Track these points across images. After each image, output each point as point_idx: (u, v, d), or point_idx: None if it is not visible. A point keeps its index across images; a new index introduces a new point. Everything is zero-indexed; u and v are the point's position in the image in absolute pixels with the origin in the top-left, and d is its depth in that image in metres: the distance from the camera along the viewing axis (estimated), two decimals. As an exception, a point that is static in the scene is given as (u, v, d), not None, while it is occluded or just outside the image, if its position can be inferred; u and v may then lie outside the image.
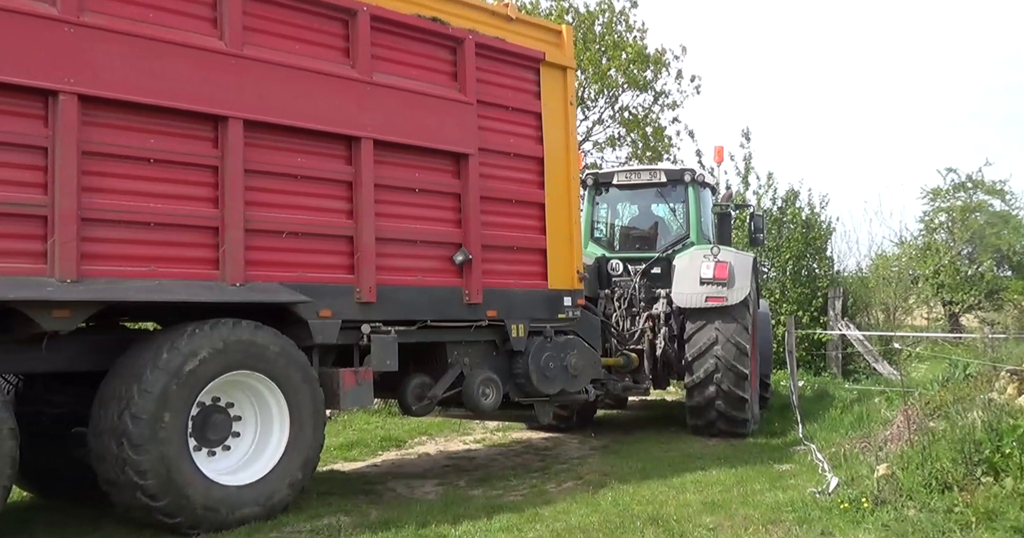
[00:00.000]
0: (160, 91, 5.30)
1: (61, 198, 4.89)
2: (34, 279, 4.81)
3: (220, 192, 5.56)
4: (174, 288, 5.31)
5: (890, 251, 20.80)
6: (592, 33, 21.94)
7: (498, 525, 5.51)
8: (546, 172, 7.55)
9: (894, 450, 6.51)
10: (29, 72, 4.81)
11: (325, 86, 6.07)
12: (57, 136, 4.91)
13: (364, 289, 6.19)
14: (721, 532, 5.29)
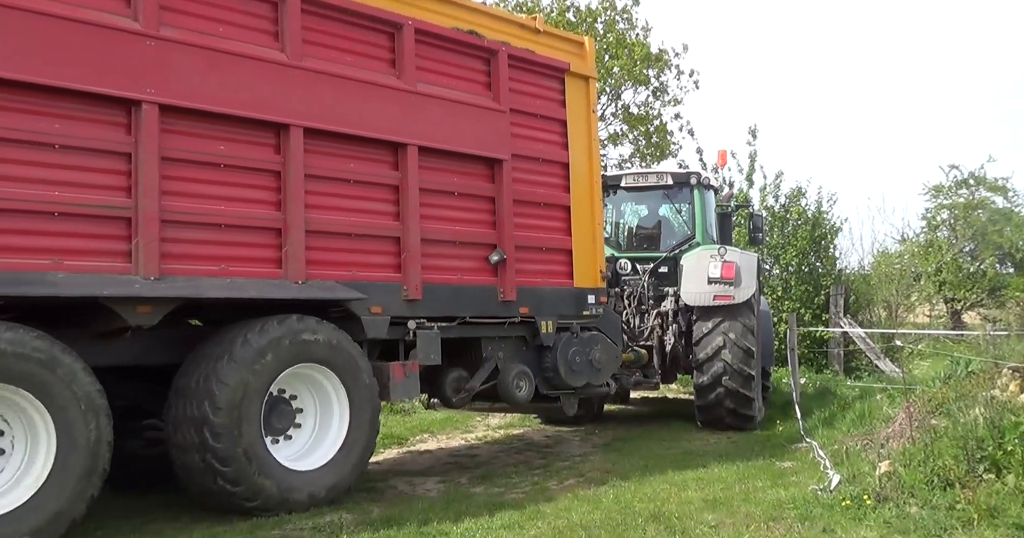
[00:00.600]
0: (229, 100, 5.65)
1: (144, 201, 5.24)
2: (121, 277, 5.14)
3: (283, 196, 5.92)
4: (245, 286, 5.68)
5: (892, 248, 20.80)
6: (593, 31, 21.92)
7: (500, 523, 5.51)
8: (571, 176, 7.97)
9: (896, 447, 6.50)
10: (115, 83, 5.15)
11: (374, 96, 6.44)
12: (140, 143, 5.25)
13: (411, 287, 6.56)
14: (723, 529, 5.29)
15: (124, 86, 5.18)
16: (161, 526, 5.53)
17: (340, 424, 6.08)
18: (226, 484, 5.40)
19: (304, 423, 6.07)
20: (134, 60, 5.22)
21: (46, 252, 4.91)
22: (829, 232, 16.91)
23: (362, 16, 6.43)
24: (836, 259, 17.12)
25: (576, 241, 7.96)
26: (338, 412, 6.08)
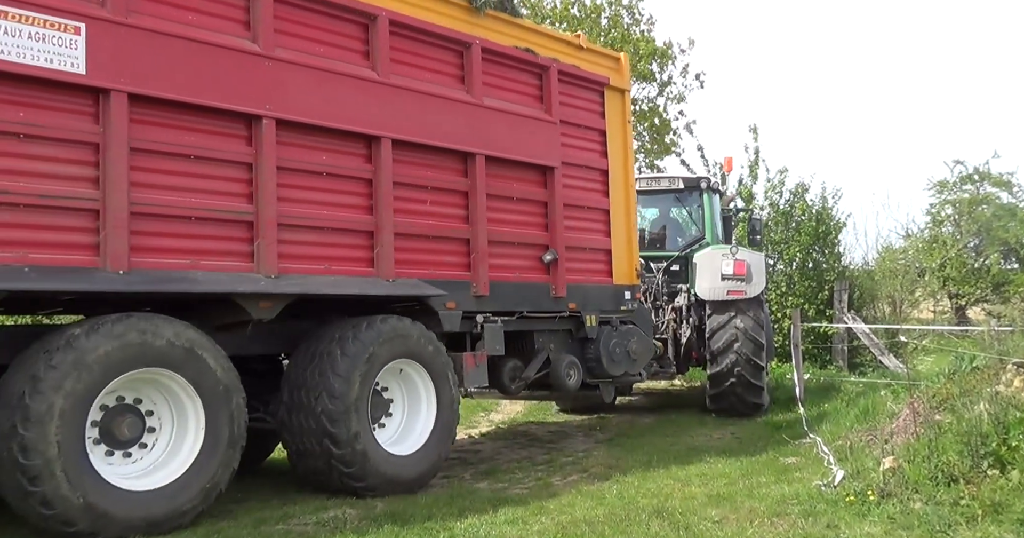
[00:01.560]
0: (331, 115, 6.20)
1: (264, 207, 5.78)
2: (247, 275, 5.68)
3: (374, 201, 6.47)
4: (347, 283, 6.26)
5: (896, 244, 20.75)
6: (598, 26, 21.87)
7: (503, 518, 5.52)
8: (609, 182, 8.60)
9: (900, 443, 6.49)
10: (238, 99, 5.68)
11: (448, 110, 7.02)
12: (260, 154, 5.78)
13: (479, 284, 7.14)
14: (726, 525, 5.29)
15: (247, 103, 5.73)
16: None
17: (428, 412, 6.62)
18: (340, 466, 5.94)
19: (394, 412, 6.61)
20: (254, 79, 5.78)
21: (186, 253, 5.46)
22: (833, 228, 16.87)
23: (438, 37, 7.02)
24: (841, 255, 17.08)
25: (614, 242, 8.62)
26: (425, 401, 6.64)
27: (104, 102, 5.11)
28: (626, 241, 8.79)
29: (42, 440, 4.60)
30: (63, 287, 5.04)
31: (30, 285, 4.85)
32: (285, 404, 6.12)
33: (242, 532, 5.21)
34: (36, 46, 4.84)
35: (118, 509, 4.85)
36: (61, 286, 5.02)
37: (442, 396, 6.64)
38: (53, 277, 4.91)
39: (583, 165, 8.32)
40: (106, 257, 5.06)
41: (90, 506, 4.72)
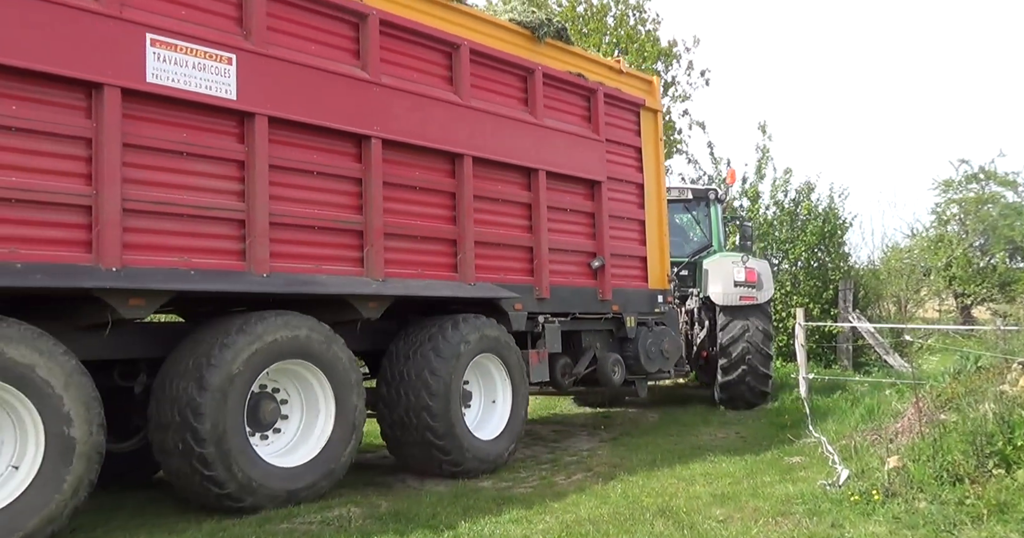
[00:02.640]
0: (425, 135, 6.88)
1: (373, 218, 6.43)
2: (360, 279, 6.33)
3: (457, 212, 7.17)
4: (439, 286, 6.90)
5: (902, 243, 20.70)
6: (604, 25, 21.85)
7: (508, 517, 5.52)
8: (645, 194, 9.39)
9: (905, 442, 6.48)
10: (351, 120, 6.34)
11: (516, 130, 7.77)
12: (369, 170, 6.44)
13: (541, 288, 7.86)
14: (731, 524, 5.28)
15: (359, 124, 6.39)
16: (171, 520, 5.55)
17: (504, 402, 7.37)
18: (440, 454, 6.64)
19: (472, 403, 7.27)
20: (364, 103, 6.46)
21: (311, 258, 6.09)
22: (839, 227, 16.83)
23: (508, 64, 7.79)
24: (847, 255, 17.05)
25: (649, 249, 9.42)
26: (502, 393, 7.38)
27: (249, 124, 5.76)
28: (659, 249, 9.62)
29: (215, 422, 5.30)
30: (223, 288, 5.59)
31: (197, 286, 5.44)
32: (383, 398, 6.73)
33: (247, 530, 5.21)
34: (198, 75, 5.47)
35: (264, 483, 5.56)
36: (221, 287, 5.58)
37: (516, 388, 7.40)
38: (213, 279, 5.53)
39: (623, 179, 9.08)
40: (251, 262, 5.70)
41: (249, 479, 5.46)
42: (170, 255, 5.34)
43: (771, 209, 17.58)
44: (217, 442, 5.31)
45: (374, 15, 6.55)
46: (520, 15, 8.04)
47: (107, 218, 5.01)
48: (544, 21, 8.19)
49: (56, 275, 4.82)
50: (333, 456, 6.01)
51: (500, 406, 7.36)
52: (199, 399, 5.26)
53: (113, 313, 5.09)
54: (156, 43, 5.27)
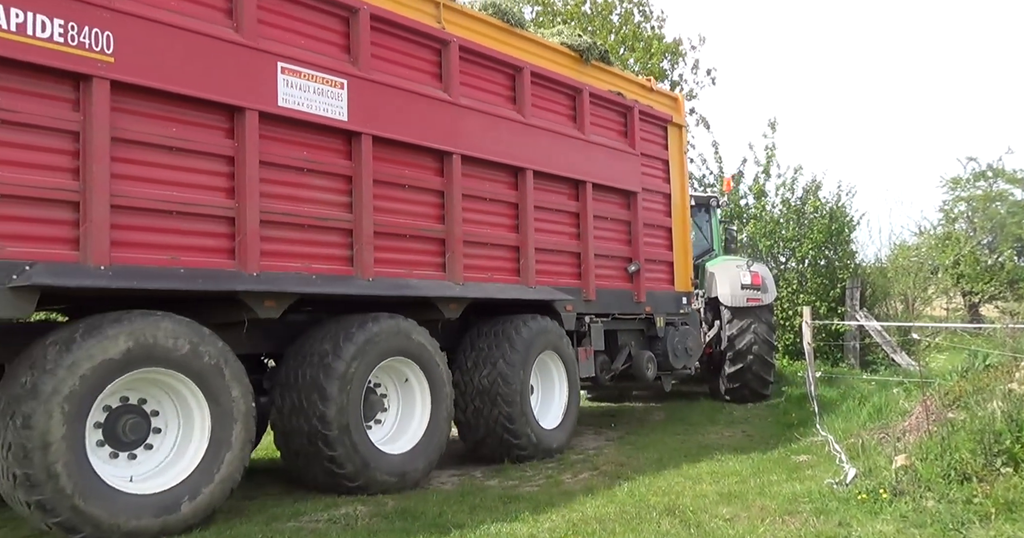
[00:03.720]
0: (495, 151, 7.55)
1: (454, 227, 7.07)
2: (444, 282, 6.97)
3: (520, 221, 7.84)
4: (508, 289, 7.60)
5: (910, 241, 20.60)
6: (609, 23, 21.81)
7: (515, 515, 5.52)
8: (671, 204, 10.13)
9: (912, 441, 6.46)
10: (436, 139, 6.96)
11: (568, 145, 8.43)
12: (451, 184, 7.06)
13: (588, 290, 8.53)
14: (738, 523, 5.27)
15: (441, 141, 7.01)
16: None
17: (561, 395, 8.10)
18: (511, 438, 7.32)
19: (534, 394, 7.91)
20: (445, 122, 7.07)
21: (404, 264, 6.72)
22: (847, 225, 16.77)
23: (561, 85, 8.47)
24: (854, 253, 16.99)
25: (675, 254, 10.15)
26: (559, 386, 8.10)
27: (356, 143, 6.35)
28: (683, 254, 10.35)
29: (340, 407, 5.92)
30: (338, 291, 6.13)
31: (318, 289, 5.98)
32: (464, 388, 7.36)
33: (254, 529, 5.23)
34: (318, 99, 6.07)
35: (377, 467, 6.15)
36: (337, 290, 6.12)
37: (571, 382, 8.15)
38: (330, 283, 6.10)
39: (652, 190, 9.80)
40: (359, 267, 6.28)
41: (365, 463, 6.06)
42: (296, 261, 5.93)
43: (777, 207, 17.54)
44: (340, 426, 5.91)
45: (454, 42, 7.21)
46: (570, 39, 8.85)
47: (248, 228, 5.57)
48: (591, 45, 9.00)
49: (210, 279, 5.39)
50: (431, 444, 6.61)
51: (557, 398, 8.07)
52: (327, 386, 5.87)
53: (249, 313, 5.65)
54: (285, 70, 5.87)
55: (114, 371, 4.83)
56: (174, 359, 5.08)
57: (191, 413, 5.28)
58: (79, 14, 4.82)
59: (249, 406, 5.48)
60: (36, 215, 4.71)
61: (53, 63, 4.72)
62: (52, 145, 4.80)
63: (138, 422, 5.12)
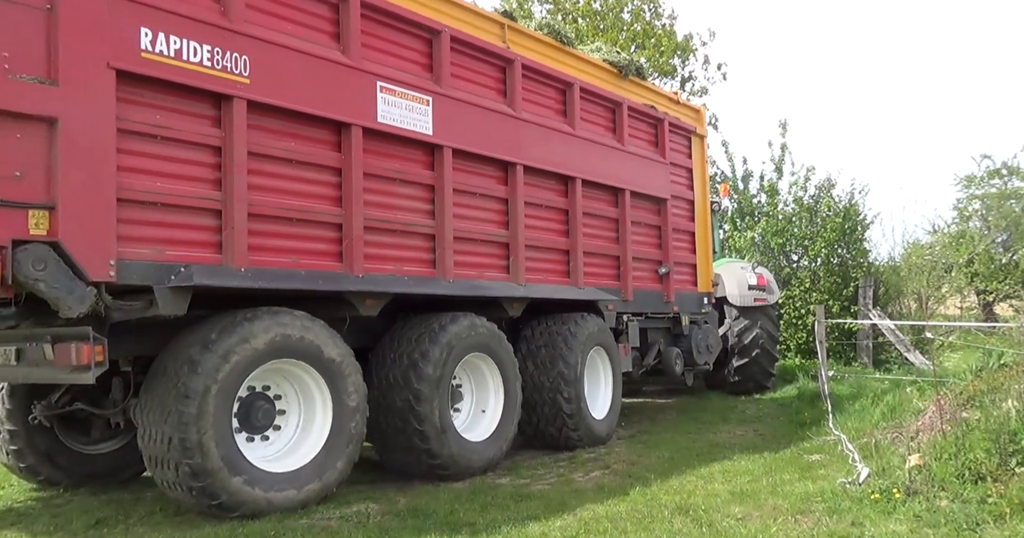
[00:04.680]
0: (550, 161, 8.11)
1: (518, 232, 7.65)
2: (510, 284, 7.54)
3: (570, 226, 8.43)
4: (561, 290, 8.20)
5: (923, 239, 20.47)
6: (620, 21, 21.76)
7: (525, 514, 5.52)
8: (695, 209, 10.75)
9: (926, 440, 6.42)
10: (502, 151, 7.55)
11: (609, 155, 9.02)
12: (515, 192, 7.67)
13: (626, 291, 9.12)
14: (750, 522, 5.25)
15: (507, 152, 7.60)
16: (190, 516, 5.60)
17: (607, 388, 8.70)
18: (570, 430, 7.95)
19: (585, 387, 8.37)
20: (510, 135, 7.65)
21: (476, 267, 7.30)
22: (860, 224, 16.69)
23: (604, 98, 9.06)
24: (867, 251, 16.90)
25: (698, 257, 10.78)
26: (604, 379, 8.70)
27: (439, 155, 6.88)
28: (705, 257, 10.93)
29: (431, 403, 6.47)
30: (426, 291, 6.67)
31: (410, 289, 6.51)
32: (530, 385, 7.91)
33: (266, 526, 5.24)
34: (408, 115, 6.60)
35: (464, 454, 6.67)
36: (425, 290, 6.66)
37: (615, 375, 8.79)
38: (420, 284, 6.63)
39: (679, 197, 10.39)
40: (441, 270, 6.81)
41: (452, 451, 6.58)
42: (389, 264, 6.44)
43: (790, 205, 17.47)
44: (433, 419, 6.42)
45: (518, 60, 7.77)
46: (609, 55, 9.44)
47: (354, 234, 6.10)
48: (630, 61, 9.63)
49: (327, 280, 5.93)
50: (504, 433, 7.20)
51: (603, 391, 8.67)
52: (418, 386, 6.38)
53: (352, 311, 6.18)
54: (383, 89, 6.40)
55: (256, 362, 5.36)
56: (305, 351, 5.62)
57: (313, 400, 5.83)
58: (223, 40, 5.35)
59: (363, 397, 6.01)
60: (186, 222, 5.22)
61: (203, 85, 5.24)
62: (199, 159, 5.31)
63: (268, 408, 5.66)
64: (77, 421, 6.51)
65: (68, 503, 6.20)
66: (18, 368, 5.33)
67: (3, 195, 4.43)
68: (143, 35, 4.97)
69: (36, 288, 4.54)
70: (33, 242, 4.52)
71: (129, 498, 6.28)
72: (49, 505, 6.17)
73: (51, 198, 4.58)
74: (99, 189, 4.74)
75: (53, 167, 4.60)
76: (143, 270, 4.96)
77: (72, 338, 4.90)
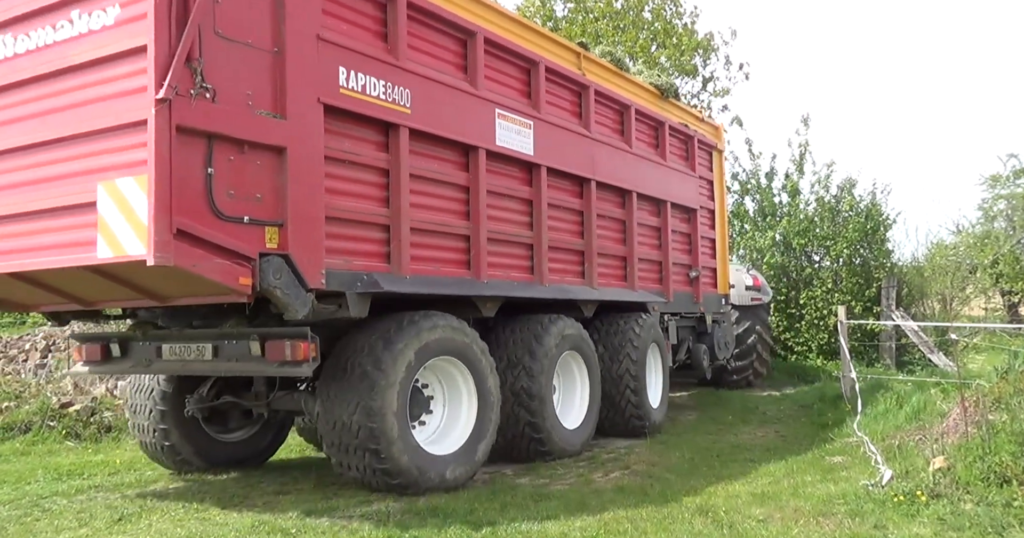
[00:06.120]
0: (614, 177, 8.94)
1: (592, 242, 8.52)
2: (584, 288, 8.36)
3: (627, 235, 9.27)
4: (623, 293, 9.06)
5: (947, 239, 20.26)
6: (641, 19, 21.68)
7: (545, 514, 5.51)
8: (715, 218, 11.80)
9: (951, 443, 6.35)
10: (581, 168, 8.36)
11: (655, 170, 9.94)
12: (589, 204, 8.49)
13: (668, 293, 10.05)
14: (771, 524, 5.22)
15: (584, 169, 8.40)
16: (213, 512, 5.64)
17: (657, 380, 9.56)
18: (636, 416, 8.85)
19: None
20: (586, 153, 8.45)
21: (560, 272, 8.06)
22: (882, 224, 16.54)
23: (652, 119, 10.02)
24: (890, 252, 16.74)
25: (718, 261, 11.76)
26: (655, 372, 9.51)
27: (536, 173, 7.70)
28: (723, 261, 11.93)
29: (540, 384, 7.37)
30: (530, 295, 7.46)
31: (520, 293, 7.35)
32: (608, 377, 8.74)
33: (288, 523, 5.28)
34: (517, 138, 7.44)
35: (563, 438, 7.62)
36: (529, 294, 7.44)
37: (665, 368, 9.72)
38: (525, 288, 7.46)
39: (704, 207, 11.33)
40: (539, 276, 7.64)
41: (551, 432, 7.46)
42: (501, 271, 7.22)
43: (811, 205, 17.34)
44: (541, 399, 7.26)
45: (592, 86, 8.62)
46: (650, 78, 10.55)
47: (480, 244, 6.90)
48: (670, 84, 10.74)
49: (465, 285, 6.76)
50: (591, 421, 8.14)
51: (655, 382, 9.49)
52: (532, 372, 7.25)
53: (475, 313, 6.91)
54: (500, 115, 7.21)
55: (425, 359, 6.10)
56: (458, 349, 6.41)
57: (459, 392, 6.57)
58: (393, 75, 6.12)
59: (499, 389, 6.82)
60: (364, 235, 5.96)
61: (378, 115, 6.00)
62: (373, 180, 6.06)
63: (421, 398, 6.38)
64: (219, 413, 7.20)
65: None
66: (214, 362, 5.94)
67: (251, 214, 5.09)
68: (341, 73, 5.71)
69: (273, 295, 5.17)
70: (272, 254, 5.17)
71: (151, 494, 6.35)
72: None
73: (281, 216, 5.26)
74: (314, 208, 5.46)
75: (282, 189, 5.27)
76: (340, 278, 5.66)
77: (285, 336, 5.56)
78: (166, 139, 4.64)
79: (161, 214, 4.60)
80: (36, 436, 9.13)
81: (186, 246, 4.71)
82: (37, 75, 5.29)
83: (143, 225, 4.64)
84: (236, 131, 5.01)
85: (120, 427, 9.42)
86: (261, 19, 5.24)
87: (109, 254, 4.81)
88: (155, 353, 6.25)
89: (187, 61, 4.75)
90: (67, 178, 5.12)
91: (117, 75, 4.95)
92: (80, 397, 10.02)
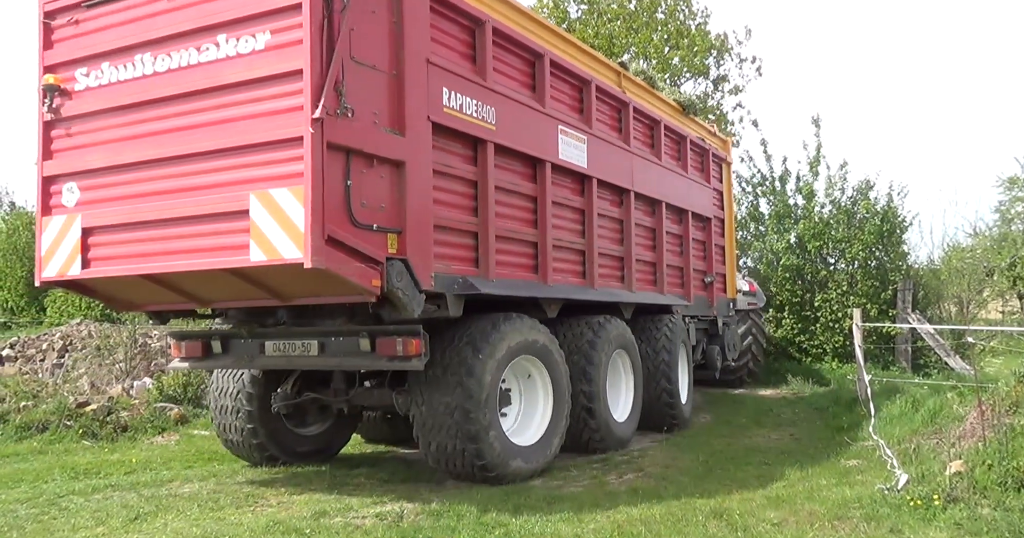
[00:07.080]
0: (648, 188, 9.57)
1: (631, 249, 9.13)
2: (621, 291, 8.88)
3: (656, 242, 9.94)
4: (655, 297, 9.71)
5: (964, 242, 20.09)
6: (655, 21, 21.65)
7: (558, 515, 5.51)
8: (725, 226, 12.55)
9: (968, 447, 6.30)
10: (622, 179, 8.94)
11: (679, 181, 10.68)
12: (628, 214, 9.09)
13: (689, 297, 10.72)
14: (786, 527, 5.20)
15: (624, 181, 9.00)
16: (227, 512, 5.66)
17: (684, 376, 10.06)
18: (669, 409, 9.48)
19: None
20: (626, 166, 9.05)
21: (607, 277, 8.67)
22: (898, 226, 16.41)
23: (677, 134, 10.74)
24: (906, 254, 16.60)
25: (727, 268, 12.58)
26: (682, 370, 10.01)
27: (588, 184, 8.26)
28: (731, 268, 12.74)
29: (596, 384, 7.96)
30: (582, 298, 7.94)
31: (576, 296, 7.81)
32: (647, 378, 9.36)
33: (302, 523, 5.30)
34: (574, 152, 7.97)
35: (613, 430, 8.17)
36: (582, 297, 7.94)
37: (690, 366, 10.40)
38: (578, 291, 7.94)
39: (716, 217, 12.08)
40: (590, 280, 8.19)
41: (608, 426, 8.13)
42: (560, 276, 7.69)
43: (826, 207, 17.23)
44: (597, 398, 7.81)
45: (631, 103, 9.26)
46: (673, 95, 11.30)
47: (546, 250, 7.43)
48: (691, 101, 11.48)
49: (536, 288, 7.27)
50: (636, 415, 8.77)
51: (685, 379, 10.04)
52: (590, 370, 7.78)
53: (540, 314, 7.28)
54: (562, 131, 7.76)
55: (511, 357, 6.58)
56: (537, 349, 6.91)
57: (535, 388, 7.07)
58: (482, 95, 6.66)
59: (570, 390, 7.30)
60: (458, 242, 6.46)
61: (470, 131, 6.52)
62: (465, 191, 6.58)
63: (502, 392, 6.71)
64: (299, 410, 7.61)
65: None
66: (320, 358, 6.37)
67: (379, 222, 5.57)
68: (444, 93, 6.22)
69: (395, 295, 5.59)
70: (395, 259, 5.61)
71: (167, 494, 6.38)
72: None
73: (400, 224, 5.74)
74: (426, 217, 5.98)
75: (401, 200, 5.76)
76: (443, 281, 6.13)
77: (396, 334, 5.98)
78: (319, 154, 5.13)
79: (316, 222, 5.07)
80: (53, 435, 9.22)
81: (335, 251, 5.19)
82: (185, 92, 5.63)
83: (299, 231, 5.08)
84: (368, 147, 5.49)
85: (136, 426, 9.49)
86: (383, 44, 5.74)
87: (262, 258, 5.24)
88: (258, 349, 6.65)
89: (335, 84, 5.22)
90: (216, 187, 5.48)
91: (268, 95, 5.36)
92: (97, 397, 10.11)
